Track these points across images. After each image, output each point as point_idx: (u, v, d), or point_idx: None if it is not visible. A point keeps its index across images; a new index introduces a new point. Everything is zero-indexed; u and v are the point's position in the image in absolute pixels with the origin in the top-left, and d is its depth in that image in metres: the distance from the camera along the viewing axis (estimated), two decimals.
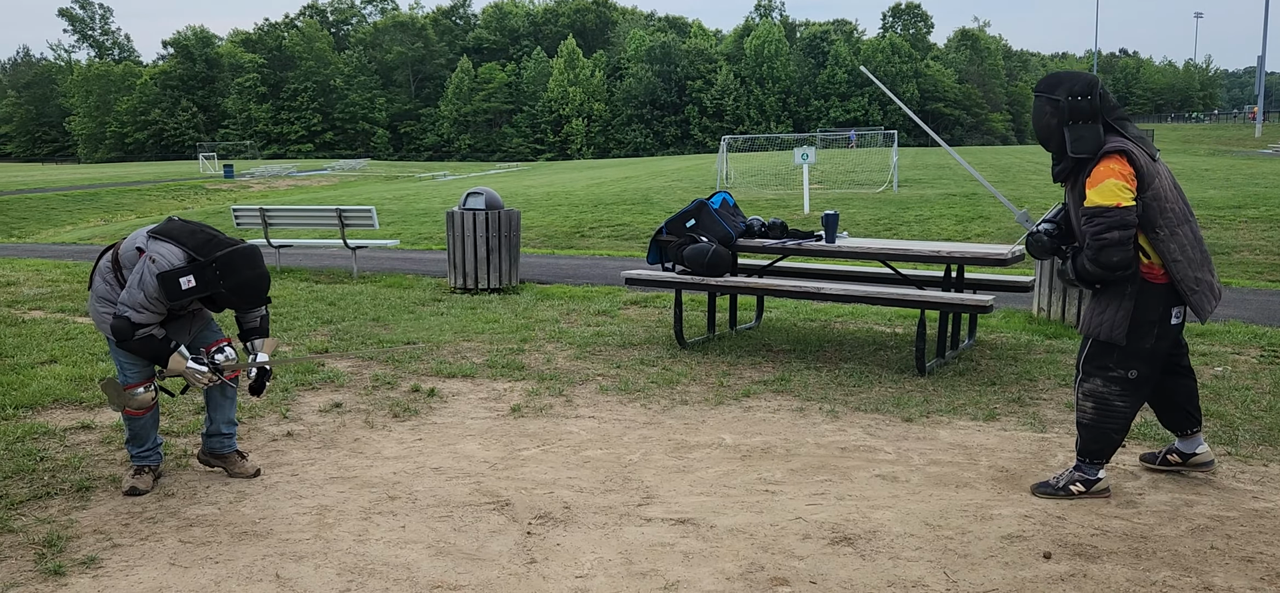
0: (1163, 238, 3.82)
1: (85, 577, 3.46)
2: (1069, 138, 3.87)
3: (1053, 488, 4.08)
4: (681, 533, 3.77)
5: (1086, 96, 3.85)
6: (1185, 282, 3.84)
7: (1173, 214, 3.84)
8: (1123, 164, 3.77)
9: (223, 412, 4.46)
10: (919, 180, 26.81)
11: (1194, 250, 3.88)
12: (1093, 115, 3.85)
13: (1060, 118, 3.88)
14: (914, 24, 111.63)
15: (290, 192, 41.15)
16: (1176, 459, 4.27)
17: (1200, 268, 3.89)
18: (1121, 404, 3.98)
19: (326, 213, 11.84)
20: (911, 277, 7.18)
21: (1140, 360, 3.94)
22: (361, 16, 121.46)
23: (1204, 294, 3.89)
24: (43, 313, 9.10)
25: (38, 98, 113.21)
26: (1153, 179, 3.82)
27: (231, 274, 4.00)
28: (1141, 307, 3.90)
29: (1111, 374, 3.97)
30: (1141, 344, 3.92)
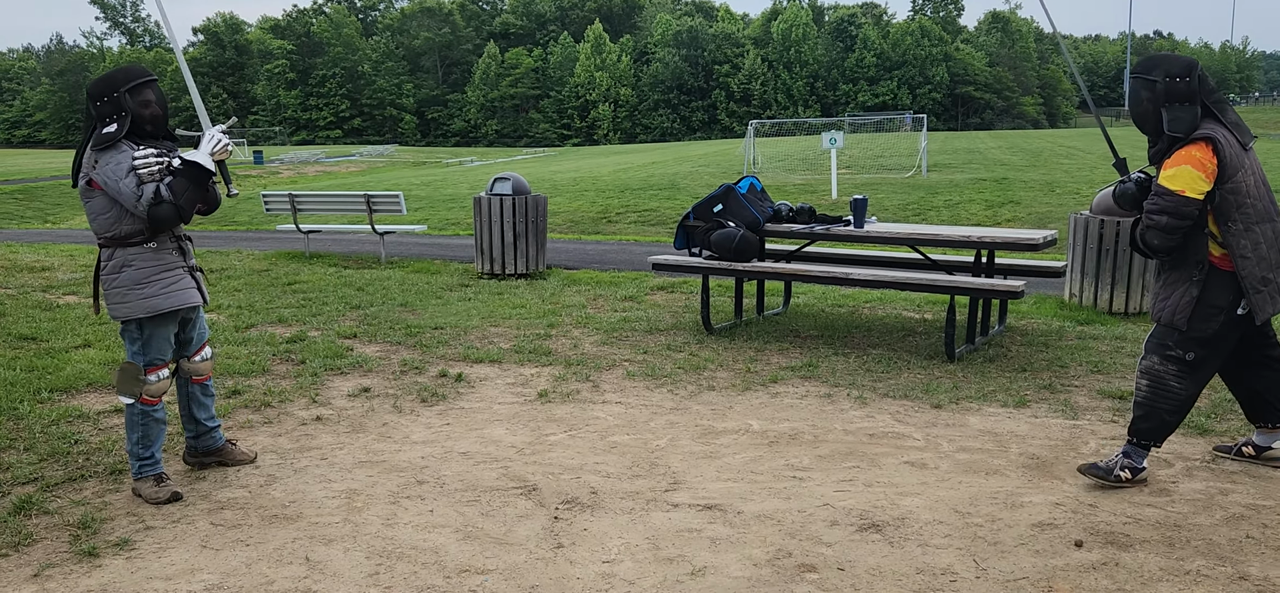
0: (1235, 232, 3.76)
1: (119, 558, 3.50)
2: (1166, 118, 3.82)
3: (1100, 470, 4.03)
4: (708, 519, 3.76)
5: (1184, 78, 3.80)
6: (1250, 279, 3.78)
7: (1252, 210, 3.78)
8: (1207, 153, 3.72)
9: (205, 410, 4.41)
10: (948, 165, 26.57)
11: (1269, 250, 3.81)
12: (1190, 97, 3.80)
13: (1156, 100, 3.84)
14: (944, 6, 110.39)
15: (319, 177, 41.43)
16: (1251, 452, 4.20)
17: (1272, 268, 3.82)
18: (1177, 386, 3.93)
19: (355, 198, 11.90)
20: (941, 262, 7.11)
21: (1200, 345, 3.89)
22: (389, 2, 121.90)
23: (1269, 295, 3.82)
24: (76, 298, 9.22)
25: (71, 85, 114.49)
26: (1236, 172, 3.75)
27: (115, 83, 3.94)
28: (1209, 292, 3.85)
29: (1170, 353, 3.94)
30: (1205, 329, 3.87)
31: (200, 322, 4.37)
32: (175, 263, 4.09)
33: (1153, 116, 3.88)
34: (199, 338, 4.34)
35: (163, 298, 4.02)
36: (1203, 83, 3.83)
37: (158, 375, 4.09)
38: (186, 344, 4.31)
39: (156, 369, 4.09)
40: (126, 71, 3.98)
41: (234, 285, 9.75)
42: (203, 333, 4.38)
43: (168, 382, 4.14)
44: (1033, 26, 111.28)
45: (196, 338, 4.33)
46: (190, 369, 4.33)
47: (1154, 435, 4.00)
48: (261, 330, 7.45)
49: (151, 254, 4.01)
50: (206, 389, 4.42)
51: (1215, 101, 3.85)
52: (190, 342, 4.32)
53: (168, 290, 4.04)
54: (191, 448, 4.46)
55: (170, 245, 4.09)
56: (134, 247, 3.99)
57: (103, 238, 4.02)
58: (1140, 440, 4.02)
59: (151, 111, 3.99)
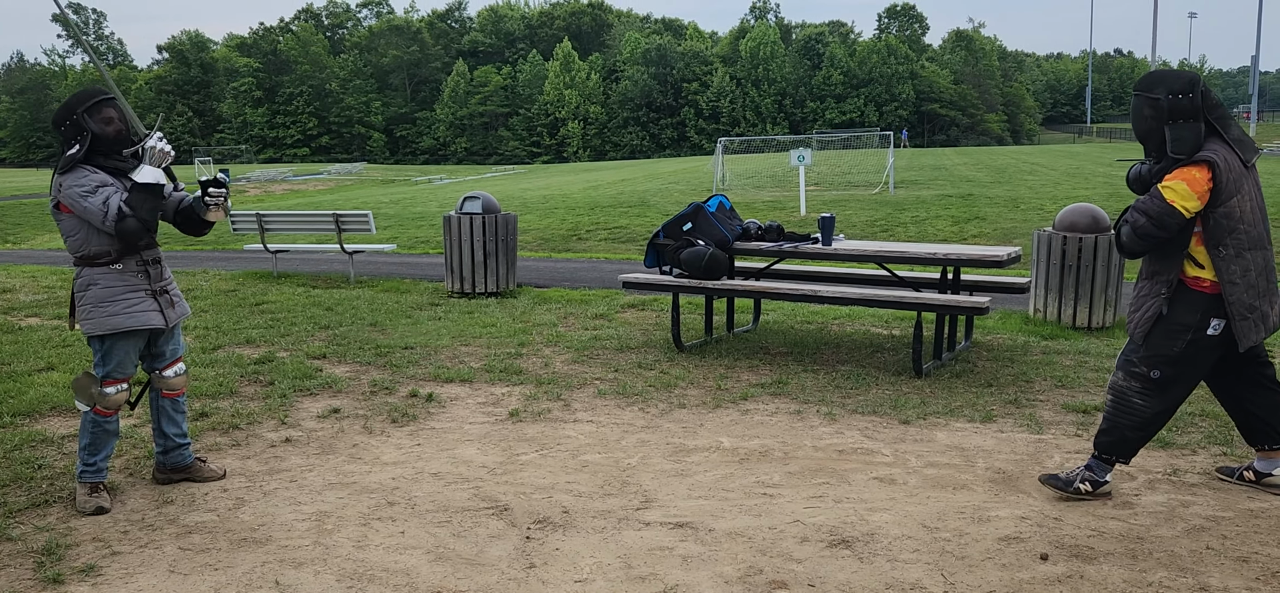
0: (1225, 256, 3.77)
1: (84, 585, 3.46)
2: (1170, 137, 3.79)
3: (1060, 482, 4.08)
4: (680, 536, 3.78)
5: (1187, 95, 3.77)
6: (1237, 305, 3.79)
7: (1245, 236, 3.78)
8: (1205, 176, 3.72)
9: (176, 426, 4.45)
10: (915, 182, 26.86)
11: (1258, 278, 3.82)
12: (1194, 114, 3.77)
13: (1160, 117, 3.81)
14: (909, 25, 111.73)
15: (286, 196, 41.11)
16: (1252, 477, 4.16)
17: (1260, 296, 3.83)
18: (1140, 403, 3.96)
19: (323, 217, 11.84)
20: (908, 278, 7.20)
21: (1166, 364, 3.91)
22: (357, 20, 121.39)
23: (1254, 322, 3.83)
24: (39, 320, 9.09)
25: (32, 103, 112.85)
26: (1232, 196, 3.74)
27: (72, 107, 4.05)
28: (1176, 310, 3.87)
29: (1134, 370, 3.97)
30: (1170, 348, 3.89)
31: (176, 337, 4.41)
32: (138, 285, 4.18)
33: (1156, 134, 3.85)
34: (173, 353, 4.38)
35: (123, 318, 4.13)
36: (1206, 98, 3.80)
37: (115, 388, 4.18)
38: (159, 358, 4.36)
39: (115, 382, 4.18)
40: (83, 94, 4.10)
41: (201, 306, 9.66)
42: (178, 348, 4.41)
43: (124, 396, 4.21)
44: (996, 44, 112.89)
45: (170, 353, 4.37)
46: (160, 383, 4.39)
47: (1116, 450, 4.04)
48: (229, 352, 7.39)
49: (117, 275, 4.13)
50: (177, 405, 4.46)
51: (1218, 117, 3.82)
52: (163, 355, 4.36)
53: (129, 311, 4.14)
54: (160, 463, 4.49)
55: (135, 268, 4.18)
56: (101, 267, 4.13)
57: (74, 257, 4.16)
58: (1103, 455, 4.07)
59: (113, 128, 4.10)
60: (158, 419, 4.44)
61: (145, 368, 4.40)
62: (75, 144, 4.05)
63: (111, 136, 4.08)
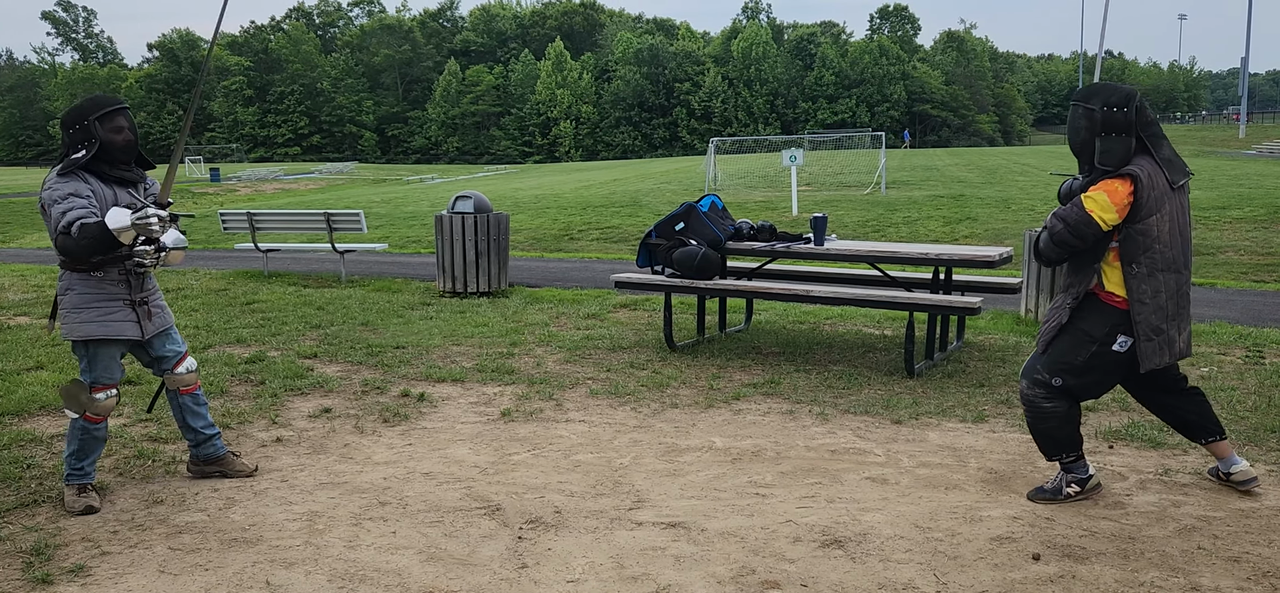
0: (1138, 274, 3.77)
1: (74, 585, 3.44)
2: (1099, 148, 3.79)
3: (1047, 493, 4.09)
4: (672, 537, 3.77)
5: (1122, 108, 3.76)
6: (1143, 325, 3.80)
7: (1159, 257, 3.77)
8: (1126, 189, 3.72)
9: (200, 419, 4.46)
10: (907, 182, 26.91)
11: (1168, 301, 3.81)
12: (1126, 128, 3.76)
13: (1093, 128, 3.81)
14: (902, 26, 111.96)
15: (277, 195, 40.99)
16: (1222, 477, 4.18)
17: (1167, 320, 3.82)
18: (1049, 405, 3.98)
19: (314, 217, 11.80)
20: (900, 279, 7.21)
21: (1068, 372, 3.93)
22: (348, 19, 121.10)
23: (1159, 345, 3.83)
24: (28, 319, 9.04)
25: (21, 101, 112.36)
26: (1151, 214, 3.73)
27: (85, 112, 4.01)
28: (1083, 321, 3.89)
29: (1037, 376, 4.00)
30: (1073, 357, 3.92)
31: (173, 337, 4.38)
32: (117, 295, 4.14)
33: (1089, 145, 3.84)
34: (175, 353, 4.37)
35: (96, 326, 4.10)
36: (1141, 114, 3.79)
37: (105, 394, 4.14)
38: (161, 361, 4.34)
39: (103, 388, 4.14)
40: (97, 100, 4.06)
41: (191, 305, 9.62)
42: (179, 347, 4.39)
43: (113, 402, 4.18)
44: (987, 45, 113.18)
45: (172, 353, 4.36)
46: (174, 382, 4.38)
47: (1061, 449, 4.03)
48: (219, 351, 7.36)
49: (96, 282, 4.10)
50: (197, 399, 4.46)
51: (1150, 135, 3.81)
52: (165, 358, 4.34)
53: (103, 319, 4.11)
54: (194, 456, 4.51)
55: (116, 278, 4.14)
56: (79, 272, 4.10)
57: (59, 258, 4.11)
58: (1058, 458, 4.06)
59: (123, 137, 4.07)
60: (180, 417, 4.45)
61: (155, 372, 4.40)
62: (81, 149, 4.01)
63: (120, 145, 4.06)
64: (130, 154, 4.12)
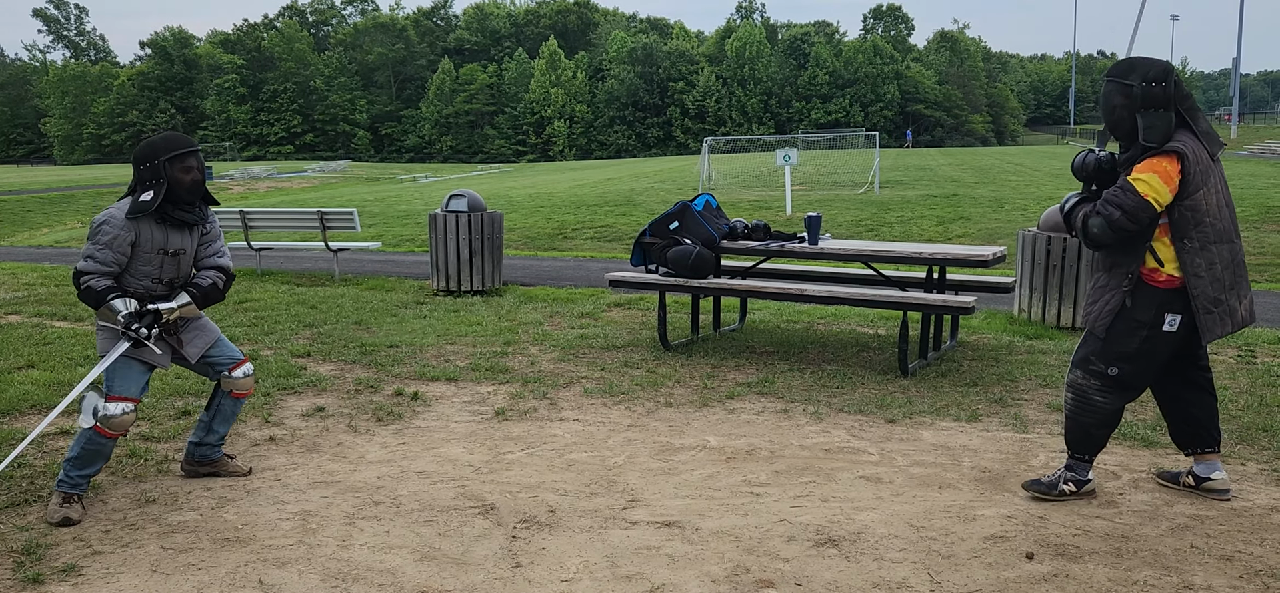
0: (1190, 249, 3.75)
1: (65, 585, 3.43)
2: (1141, 125, 3.75)
3: (1043, 486, 4.09)
4: (667, 536, 3.77)
5: (1160, 84, 3.73)
6: (1202, 298, 3.77)
7: (1211, 229, 3.76)
8: (1174, 167, 3.70)
9: (226, 426, 4.48)
10: (900, 182, 26.94)
11: (1224, 271, 3.79)
12: (1166, 103, 3.74)
13: (1132, 105, 3.78)
14: (895, 26, 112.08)
15: (270, 194, 40.88)
16: (1191, 483, 4.14)
17: (1226, 290, 3.80)
18: (1100, 399, 3.96)
19: (308, 215, 11.77)
20: (894, 278, 7.21)
21: (1123, 360, 3.90)
22: (342, 17, 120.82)
23: (1220, 316, 3.80)
24: (19, 318, 9.01)
25: (12, 99, 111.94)
26: (1197, 189, 3.72)
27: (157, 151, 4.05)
28: (1133, 306, 3.85)
29: (1092, 367, 3.97)
30: (1126, 344, 3.88)
31: (225, 345, 4.41)
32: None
33: (1128, 121, 3.81)
34: (231, 358, 4.38)
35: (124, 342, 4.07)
36: (1178, 88, 3.77)
37: (120, 408, 4.03)
38: (216, 365, 4.36)
39: (118, 400, 4.04)
40: (170, 140, 4.11)
41: None
42: (235, 352, 4.42)
43: (130, 419, 4.07)
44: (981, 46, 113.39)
45: (229, 358, 4.38)
46: (229, 384, 4.40)
47: (1085, 448, 4.04)
48: None
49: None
50: (237, 406, 4.48)
51: (1188, 108, 3.80)
52: (219, 363, 4.36)
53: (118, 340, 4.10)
54: (190, 455, 4.49)
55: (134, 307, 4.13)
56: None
57: None
58: (1075, 454, 4.07)
59: (191, 177, 4.12)
60: (212, 415, 4.43)
61: (209, 377, 4.40)
62: (149, 189, 4.03)
63: (187, 185, 4.09)
64: (196, 194, 4.16)
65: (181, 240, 4.18)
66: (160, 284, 4.16)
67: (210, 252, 4.34)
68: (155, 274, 4.13)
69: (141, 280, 4.11)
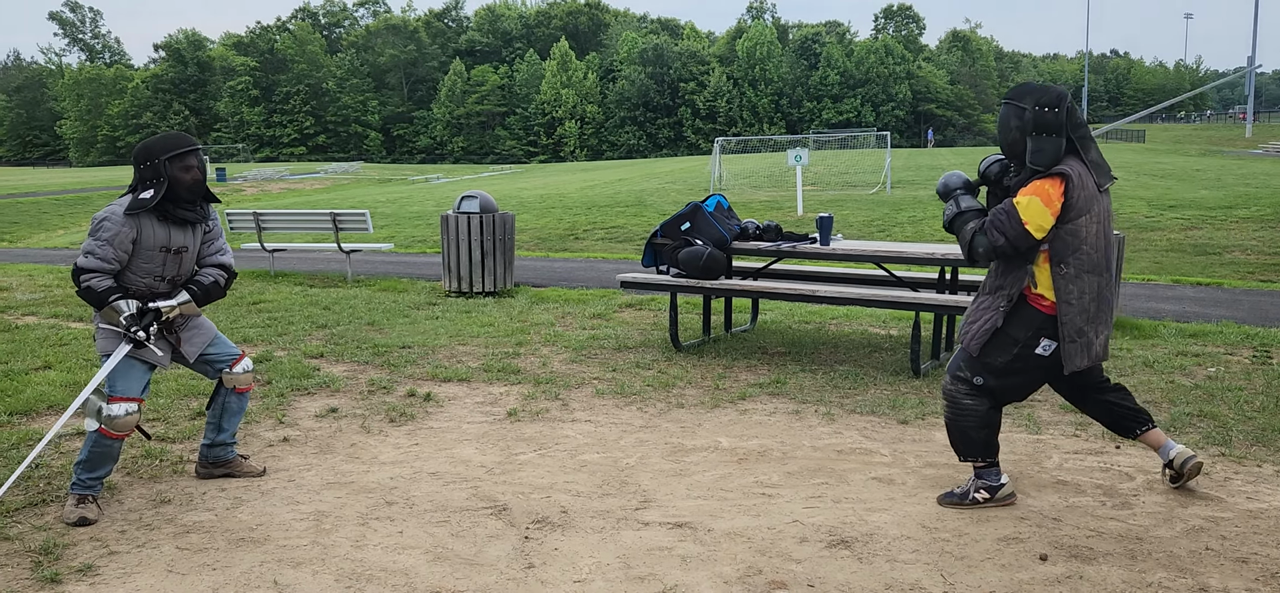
0: (1065, 275, 3.80)
1: (82, 585, 3.45)
2: (1030, 148, 3.81)
3: (956, 497, 4.08)
4: (679, 537, 3.78)
5: (1053, 109, 3.79)
6: (1068, 327, 3.82)
7: (1086, 259, 3.80)
8: (1058, 189, 3.74)
9: (234, 422, 4.49)
10: (912, 182, 26.88)
11: (1091, 303, 3.83)
12: (1057, 129, 3.79)
13: (1024, 128, 3.84)
14: (906, 26, 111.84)
15: (283, 195, 41.07)
16: (1171, 473, 4.18)
17: (1089, 321, 3.84)
18: (970, 403, 3.98)
19: (320, 216, 11.82)
20: (906, 279, 7.20)
21: (990, 372, 3.94)
22: (354, 19, 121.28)
23: (1082, 347, 3.85)
24: (36, 319, 9.07)
25: (28, 101, 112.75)
26: (1080, 216, 3.76)
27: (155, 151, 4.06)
28: (1010, 324, 3.90)
29: (959, 375, 4.01)
30: (995, 359, 3.92)
31: (223, 342, 4.42)
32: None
33: (1020, 144, 3.87)
34: (229, 355, 4.40)
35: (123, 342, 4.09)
36: (1071, 116, 3.82)
37: (123, 408, 4.05)
38: (215, 363, 4.37)
39: (121, 400, 4.06)
40: (170, 139, 4.12)
41: None
42: (233, 348, 4.43)
43: (134, 419, 4.08)
44: (993, 45, 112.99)
45: (225, 356, 4.39)
46: (231, 381, 4.41)
47: (973, 452, 4.02)
48: None
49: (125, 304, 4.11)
50: (242, 401, 4.49)
51: (1080, 137, 3.84)
52: (218, 360, 4.38)
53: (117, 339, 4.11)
54: (203, 457, 4.51)
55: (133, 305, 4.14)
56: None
57: None
58: (968, 459, 4.05)
59: (191, 176, 4.13)
60: (219, 414, 4.44)
61: (208, 376, 4.41)
62: (150, 188, 4.05)
63: (188, 183, 4.11)
64: (197, 193, 4.17)
65: (184, 238, 4.20)
66: (163, 282, 4.19)
67: (212, 250, 4.38)
68: (158, 272, 4.16)
69: (143, 278, 4.13)
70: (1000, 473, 4.05)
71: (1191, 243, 14.44)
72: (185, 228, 4.20)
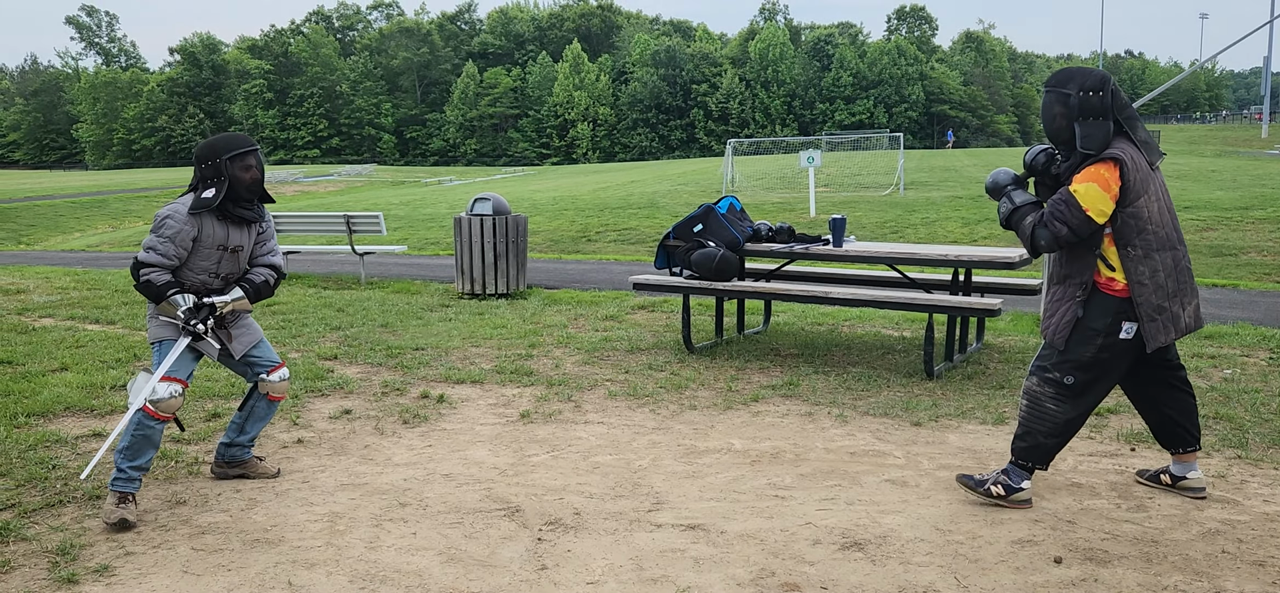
0: (1134, 257, 3.77)
1: (99, 585, 3.48)
2: (1079, 133, 3.79)
3: (974, 481, 4.07)
4: (692, 539, 3.78)
5: (1098, 93, 3.78)
6: (1145, 306, 3.78)
7: (1153, 237, 3.77)
8: (1114, 174, 3.72)
9: (258, 427, 4.52)
10: (925, 183, 26.80)
11: (1168, 279, 3.80)
12: (1103, 112, 3.78)
13: (1070, 114, 3.82)
14: (919, 26, 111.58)
15: (297, 197, 41.25)
16: (1168, 481, 4.15)
17: (1169, 297, 3.80)
18: (1053, 408, 3.94)
19: (334, 219, 11.87)
20: (919, 280, 7.18)
21: (1079, 369, 3.89)
22: (367, 22, 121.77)
23: (1163, 324, 3.80)
24: (53, 320, 9.14)
25: (45, 105, 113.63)
26: (1139, 197, 3.74)
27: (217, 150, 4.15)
28: (1089, 315, 3.86)
29: (1048, 375, 3.96)
30: (1082, 353, 3.88)
31: (267, 347, 4.46)
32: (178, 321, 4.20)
33: (1067, 131, 3.85)
34: (270, 360, 4.45)
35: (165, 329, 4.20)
36: (1116, 97, 3.80)
37: (170, 389, 4.08)
38: (255, 366, 4.41)
39: (170, 381, 4.10)
40: (231, 140, 4.22)
41: None
42: (272, 357, 4.47)
43: (179, 402, 4.12)
44: (1006, 46, 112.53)
45: (268, 360, 4.44)
46: (267, 386, 4.44)
47: (1033, 456, 3.99)
48: None
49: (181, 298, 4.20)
50: (271, 408, 4.52)
51: (1127, 118, 3.82)
52: (259, 364, 4.41)
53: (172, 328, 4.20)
54: (220, 457, 4.55)
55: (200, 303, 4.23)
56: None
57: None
58: (1020, 461, 4.02)
59: (251, 176, 4.22)
60: (246, 416, 4.48)
61: (247, 378, 4.45)
62: (211, 188, 4.14)
63: (247, 183, 4.20)
64: (255, 192, 4.27)
65: (240, 237, 4.30)
66: (217, 278, 4.28)
67: (264, 250, 4.46)
68: (213, 269, 4.25)
69: (199, 274, 4.22)
70: (1027, 478, 4.03)
71: (1207, 244, 14.34)
72: (242, 227, 4.30)
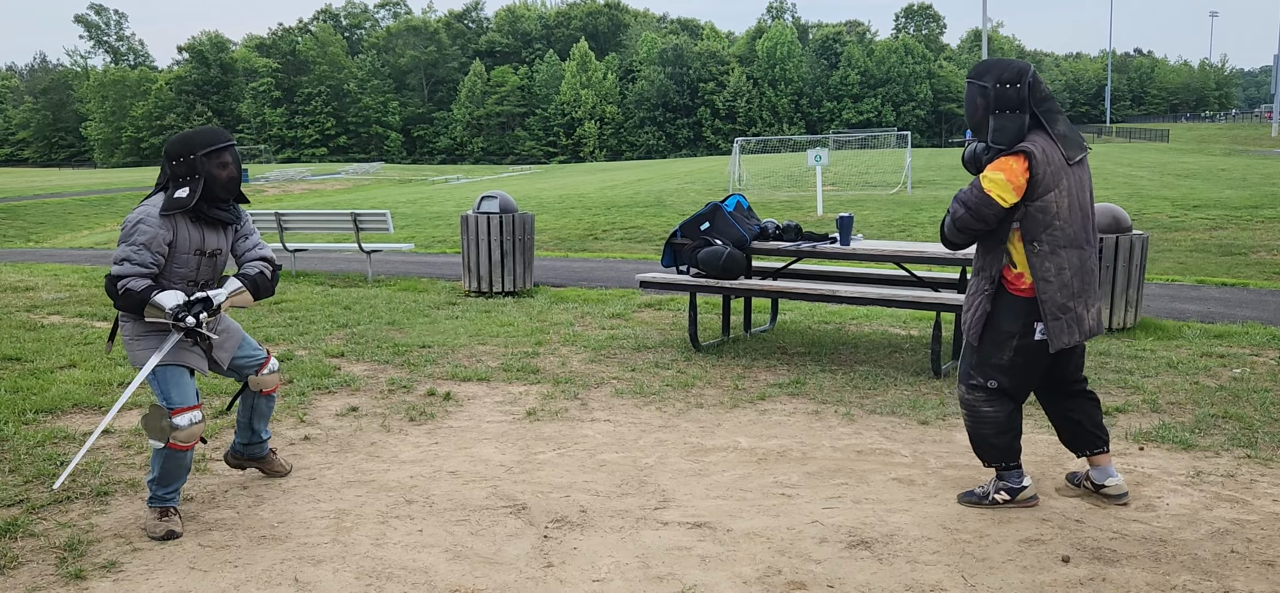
0: (1039, 253, 3.72)
1: (106, 581, 3.48)
2: (991, 126, 3.76)
3: (976, 497, 4.04)
4: (698, 537, 3.77)
5: (1014, 85, 3.72)
6: (1049, 304, 3.73)
7: (1060, 233, 3.71)
8: (1021, 166, 3.67)
9: (263, 422, 4.44)
10: (933, 181, 26.75)
11: (1073, 278, 3.74)
12: (1019, 105, 3.73)
13: (988, 105, 3.78)
14: (927, 25, 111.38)
15: (305, 195, 41.35)
16: (1089, 486, 4.10)
17: (1073, 297, 3.75)
18: (989, 410, 3.91)
19: (341, 217, 11.89)
20: (926, 279, 7.16)
21: (999, 372, 3.86)
22: (375, 21, 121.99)
23: (1068, 323, 3.75)
24: (61, 318, 9.17)
25: (54, 103, 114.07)
26: (1048, 191, 3.68)
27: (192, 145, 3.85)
28: (998, 315, 3.83)
29: (973, 382, 3.93)
30: (999, 356, 3.85)
31: (251, 344, 4.27)
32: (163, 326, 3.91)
33: (984, 123, 3.81)
34: (256, 358, 4.27)
35: (159, 354, 3.88)
36: (1033, 90, 3.74)
37: (187, 419, 3.86)
38: (242, 369, 4.24)
39: (183, 411, 3.87)
40: (207, 134, 3.90)
41: None
42: (259, 352, 4.29)
43: (199, 428, 3.91)
44: (1015, 44, 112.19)
45: (253, 359, 4.25)
46: (258, 383, 4.29)
47: (999, 458, 3.96)
48: None
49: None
50: (270, 402, 4.41)
51: (1046, 110, 3.76)
52: (246, 364, 4.24)
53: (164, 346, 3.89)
54: (237, 451, 4.46)
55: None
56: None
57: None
58: (995, 466, 3.99)
59: (228, 174, 3.92)
60: (248, 416, 4.36)
61: (236, 379, 4.28)
62: (185, 187, 3.83)
63: (223, 181, 3.90)
64: (232, 191, 3.97)
65: (217, 240, 4.01)
66: (195, 287, 4.01)
67: (249, 246, 4.18)
68: (191, 276, 3.95)
69: (176, 284, 3.93)
70: (1022, 475, 4.01)
71: (1216, 243, 14.29)
72: (218, 229, 4.01)
